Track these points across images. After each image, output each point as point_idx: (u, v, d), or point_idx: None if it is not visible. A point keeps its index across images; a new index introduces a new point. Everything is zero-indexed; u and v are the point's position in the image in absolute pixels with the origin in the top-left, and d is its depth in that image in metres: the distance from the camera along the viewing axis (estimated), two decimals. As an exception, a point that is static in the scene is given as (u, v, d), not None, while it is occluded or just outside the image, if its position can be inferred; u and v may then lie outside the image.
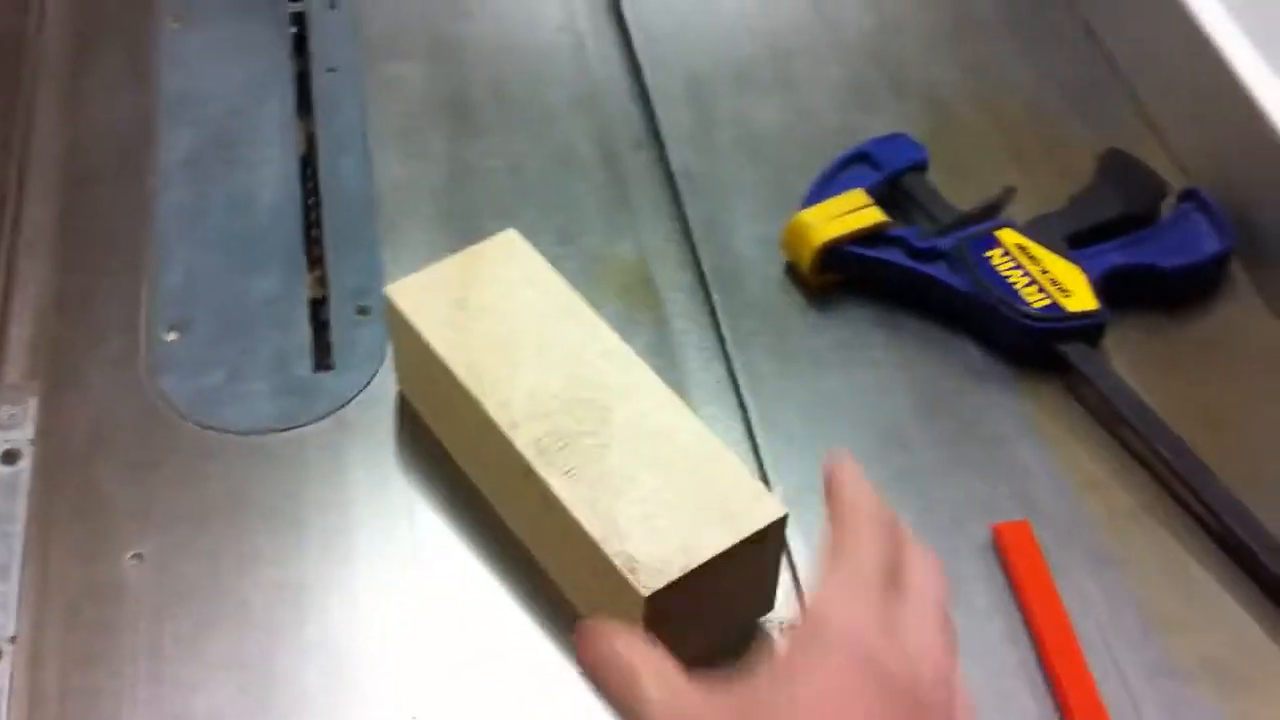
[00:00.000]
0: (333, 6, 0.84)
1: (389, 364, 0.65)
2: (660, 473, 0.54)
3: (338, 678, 0.55)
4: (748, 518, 0.53)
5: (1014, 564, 0.58)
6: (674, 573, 0.51)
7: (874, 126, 0.74)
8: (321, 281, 0.69)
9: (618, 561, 0.51)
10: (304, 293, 0.69)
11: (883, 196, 0.70)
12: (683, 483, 0.54)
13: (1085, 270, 0.66)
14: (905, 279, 0.67)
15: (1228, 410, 0.64)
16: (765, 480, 0.61)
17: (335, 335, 0.67)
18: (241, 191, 0.74)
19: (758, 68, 0.80)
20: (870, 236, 0.68)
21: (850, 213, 0.68)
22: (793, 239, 0.68)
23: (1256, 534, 0.58)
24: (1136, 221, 0.70)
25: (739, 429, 0.63)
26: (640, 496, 0.53)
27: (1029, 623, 0.57)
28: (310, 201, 0.73)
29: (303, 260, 0.70)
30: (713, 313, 0.68)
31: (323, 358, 0.66)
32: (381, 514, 0.60)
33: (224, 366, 0.65)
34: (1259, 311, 0.68)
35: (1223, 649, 0.56)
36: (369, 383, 0.65)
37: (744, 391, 0.64)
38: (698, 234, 0.71)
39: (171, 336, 0.66)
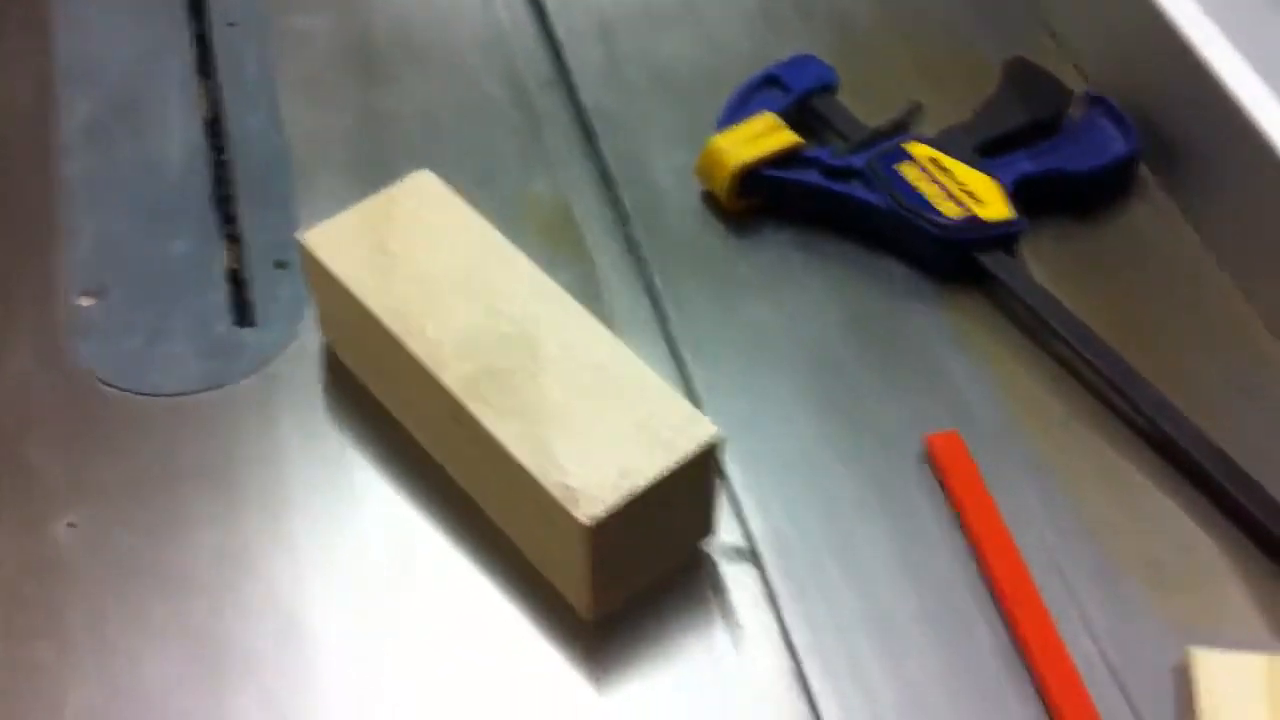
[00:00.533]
0: (228, -38, 0.82)
1: (312, 317, 0.64)
2: (593, 402, 0.54)
3: (287, 635, 0.54)
4: (683, 440, 0.53)
5: (948, 473, 0.59)
6: (614, 500, 0.51)
7: (783, 52, 0.74)
8: (237, 239, 0.68)
9: (556, 493, 0.51)
10: (220, 251, 0.68)
11: (794, 118, 0.70)
12: (616, 411, 0.54)
13: (998, 179, 0.67)
14: (822, 199, 0.68)
15: (1143, 310, 0.66)
16: (699, 407, 0.61)
17: (255, 291, 0.66)
18: (148, 154, 0.72)
19: (664, 1, 0.80)
20: (784, 158, 0.68)
21: (762, 135, 0.68)
22: (708, 165, 0.68)
23: (1185, 431, 0.59)
24: (1044, 129, 0.71)
25: (669, 359, 0.64)
26: (574, 428, 0.53)
27: (966, 530, 0.58)
28: (220, 159, 0.72)
29: (216, 219, 0.69)
30: (635, 246, 0.68)
31: (244, 315, 0.65)
32: (315, 466, 0.59)
33: (143, 330, 0.64)
34: (1169, 211, 0.69)
35: (1161, 548, 0.57)
36: (293, 337, 0.64)
37: (671, 321, 0.65)
38: (615, 169, 0.71)
39: (87, 303, 0.65)
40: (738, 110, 0.71)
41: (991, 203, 0.66)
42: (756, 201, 0.69)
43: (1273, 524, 0.57)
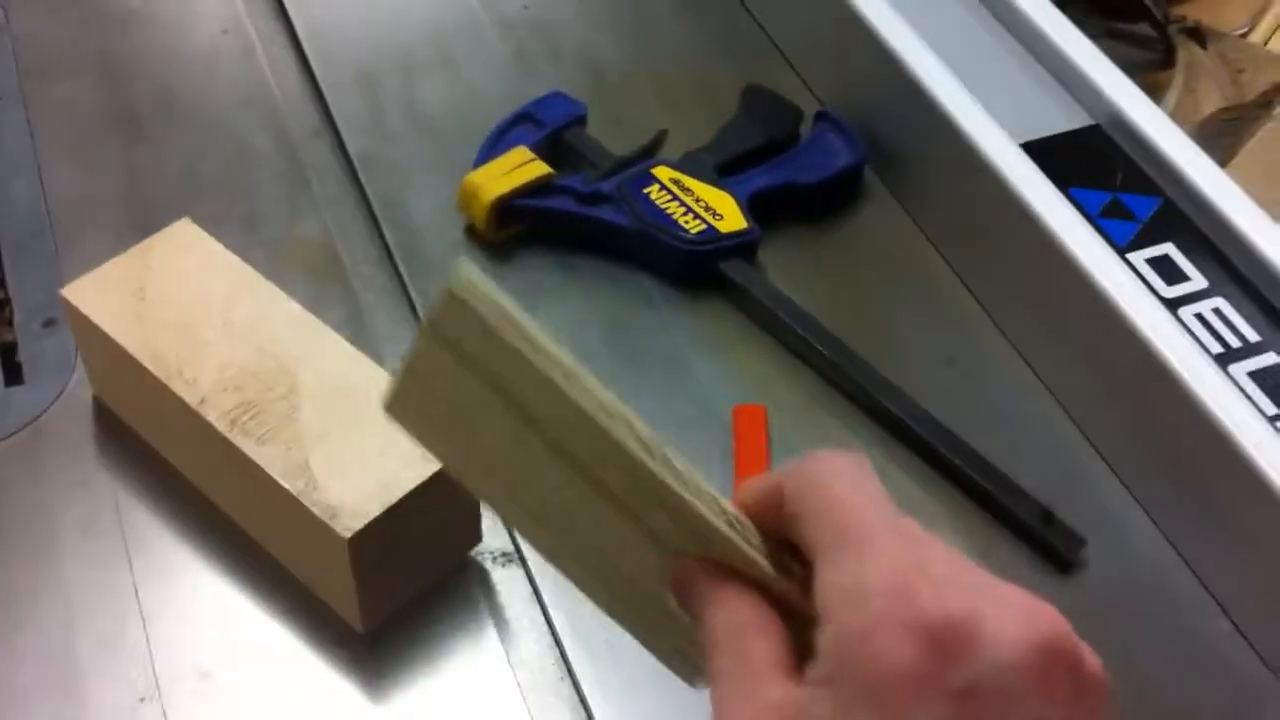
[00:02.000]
0: (-10, 36, 0.84)
1: (81, 372, 0.65)
2: (351, 424, 0.56)
3: (56, 676, 0.55)
4: (439, 453, 0.56)
5: (740, 439, 0.63)
6: (373, 511, 0.54)
7: (536, 92, 0.78)
8: (4, 301, 0.69)
9: (317, 511, 0.54)
10: (-14, 315, 0.69)
11: (547, 152, 0.74)
12: (374, 430, 0.56)
13: (734, 195, 0.71)
14: (576, 223, 0.72)
15: (871, 299, 0.71)
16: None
17: (23, 351, 0.67)
18: (-88, 227, 0.73)
19: (421, 51, 0.84)
20: (538, 188, 0.72)
21: (516, 169, 0.72)
22: (466, 199, 0.72)
23: (906, 406, 0.65)
24: (779, 146, 0.76)
25: (433, 381, 0.66)
26: (333, 449, 0.56)
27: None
28: (-16, 227, 0.73)
29: (-18, 284, 0.70)
30: (400, 280, 0.71)
31: (12, 373, 0.66)
32: (86, 513, 0.60)
33: (-91, 396, 0.65)
34: (893, 210, 0.75)
35: (889, 509, 0.63)
36: (62, 392, 0.65)
37: (436, 347, 0.68)
38: (379, 211, 0.74)
39: None
40: (493, 147, 0.75)
41: (729, 216, 0.71)
42: (517, 230, 0.73)
43: (978, 476, 0.63)
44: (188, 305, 0.60)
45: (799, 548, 0.37)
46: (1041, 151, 0.69)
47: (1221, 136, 1.35)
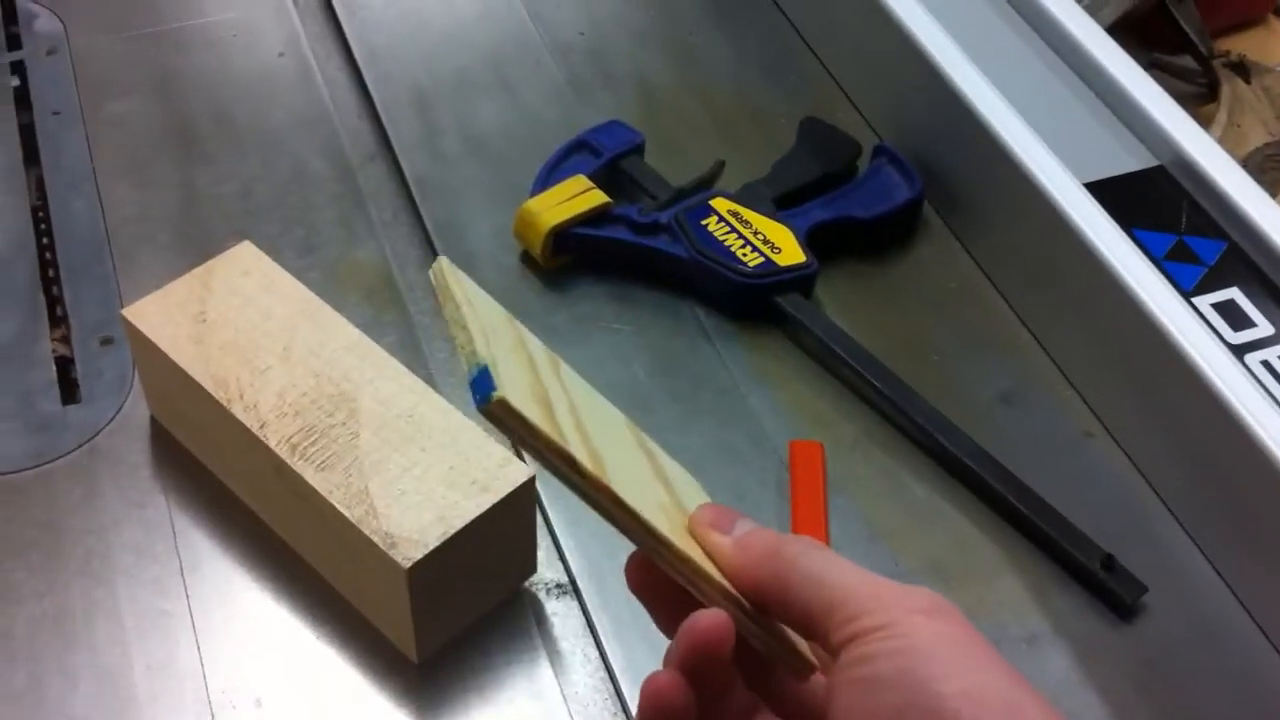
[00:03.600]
0: (51, 53, 0.84)
1: (138, 391, 0.65)
2: (410, 452, 0.56)
3: (109, 699, 0.55)
4: (498, 483, 0.56)
5: (796, 475, 0.63)
6: (432, 542, 0.53)
7: (591, 118, 0.78)
8: (62, 319, 0.69)
9: (376, 539, 0.54)
10: (45, 330, 0.69)
11: (604, 180, 0.74)
12: (433, 458, 0.56)
13: (793, 228, 0.71)
14: (631, 253, 0.72)
15: (926, 334, 0.71)
16: (517, 451, 0.64)
17: (80, 369, 0.67)
18: (-29, 242, 0.73)
19: (477, 75, 0.84)
20: (595, 217, 0.72)
21: (574, 197, 0.72)
22: (523, 227, 0.72)
23: (963, 444, 0.64)
24: (837, 179, 0.76)
25: (488, 409, 0.66)
26: (393, 476, 0.56)
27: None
28: (44, 242, 0.73)
29: (41, 300, 0.70)
30: (455, 306, 0.71)
31: (70, 392, 0.66)
32: (142, 535, 0.60)
33: (-33, 412, 0.65)
34: (950, 245, 0.75)
35: (944, 550, 0.62)
36: (119, 410, 0.65)
37: (491, 374, 0.67)
38: (435, 234, 0.74)
39: (-92, 389, 0.66)
40: (550, 174, 0.75)
41: (787, 249, 0.70)
42: (571, 258, 0.73)
43: (1038, 517, 0.62)
44: (248, 329, 0.60)
45: None
46: (1105, 191, 0.68)
47: (1265, 171, 1.34)
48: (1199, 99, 1.38)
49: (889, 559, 0.61)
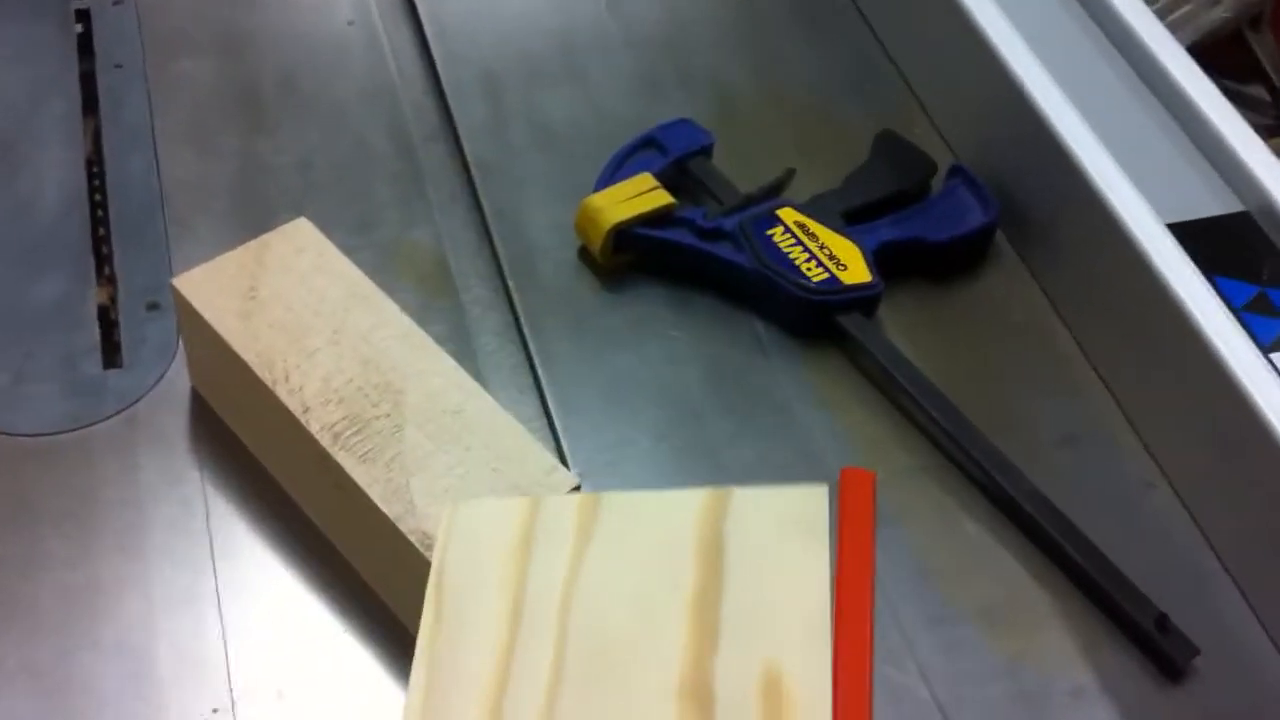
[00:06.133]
0: (117, 3, 0.83)
1: (181, 360, 0.64)
2: (454, 451, 0.55)
3: (136, 677, 0.54)
4: (540, 489, 0.54)
5: (845, 506, 0.61)
6: (469, 547, 0.52)
7: (662, 116, 0.76)
8: (110, 280, 0.68)
9: (413, 538, 0.52)
10: (92, 292, 0.68)
11: (670, 180, 0.72)
12: (477, 459, 0.55)
13: (860, 245, 0.69)
14: (693, 258, 0.70)
15: (990, 367, 0.69)
16: (562, 456, 0.62)
17: (125, 333, 0.66)
18: (25, 194, 0.72)
19: (549, 62, 0.82)
20: (658, 218, 0.70)
21: (638, 196, 0.70)
22: (584, 223, 0.70)
23: (1020, 485, 0.62)
24: (909, 197, 0.73)
25: (536, 406, 0.65)
26: (435, 475, 0.54)
27: (838, 569, 0.59)
28: (97, 199, 0.72)
29: (90, 260, 0.69)
30: (509, 297, 0.69)
31: (112, 356, 0.65)
32: (175, 511, 0.59)
33: (8, 370, 0.64)
34: (1021, 275, 0.73)
35: (995, 594, 0.60)
36: (160, 379, 0.64)
37: (540, 371, 0.66)
38: (493, 222, 0.73)
39: (-48, 341, 0.65)
40: (616, 170, 0.73)
41: (853, 267, 0.68)
42: (630, 258, 0.71)
43: (1093, 569, 0.60)
44: (299, 309, 0.59)
45: None
46: (1188, 234, 0.66)
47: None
48: (1268, 130, 1.35)
49: (936, 600, 0.59)
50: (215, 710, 0.54)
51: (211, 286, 0.60)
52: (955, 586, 0.60)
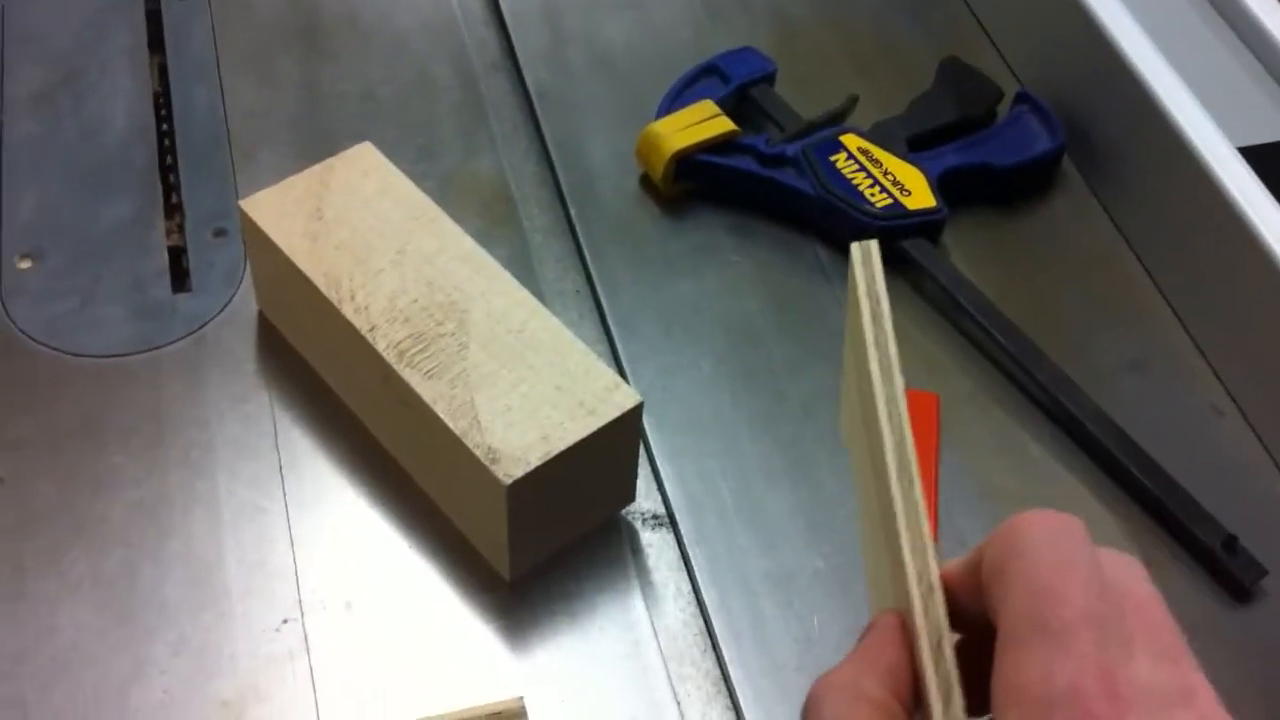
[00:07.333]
0: (181, -61, 0.83)
1: (248, 286, 0.65)
2: (518, 368, 0.55)
3: (202, 589, 0.55)
4: (604, 407, 0.54)
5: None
6: (534, 461, 0.52)
7: (723, 43, 0.76)
8: (177, 206, 0.69)
9: (479, 453, 0.53)
10: (159, 218, 0.69)
11: (732, 108, 0.72)
12: (540, 377, 0.55)
13: (924, 170, 0.68)
14: (755, 185, 0.69)
15: (1055, 294, 0.68)
16: (623, 377, 0.62)
17: (192, 258, 0.67)
18: (93, 123, 0.73)
19: (609, -12, 0.82)
20: (720, 145, 0.69)
21: (700, 123, 0.69)
22: (645, 150, 0.70)
23: (1085, 407, 0.62)
24: (974, 124, 0.73)
25: (597, 330, 0.65)
26: (499, 392, 0.54)
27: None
28: (164, 129, 0.73)
29: (157, 187, 0.70)
30: (570, 225, 0.69)
31: (180, 280, 0.66)
32: (243, 428, 0.60)
33: (78, 293, 0.65)
34: (1088, 203, 0.72)
35: (1057, 515, 0.60)
36: (228, 303, 0.65)
37: (601, 298, 0.66)
38: (555, 150, 0.73)
39: (24, 265, 0.66)
40: (677, 97, 0.73)
41: (917, 192, 0.68)
42: (692, 185, 0.71)
43: (1160, 491, 0.59)
44: (364, 230, 0.60)
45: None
46: (1260, 158, 0.65)
47: None
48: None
49: (998, 520, 0.59)
50: (285, 621, 0.54)
51: (278, 208, 0.60)
52: (1019, 507, 0.59)
